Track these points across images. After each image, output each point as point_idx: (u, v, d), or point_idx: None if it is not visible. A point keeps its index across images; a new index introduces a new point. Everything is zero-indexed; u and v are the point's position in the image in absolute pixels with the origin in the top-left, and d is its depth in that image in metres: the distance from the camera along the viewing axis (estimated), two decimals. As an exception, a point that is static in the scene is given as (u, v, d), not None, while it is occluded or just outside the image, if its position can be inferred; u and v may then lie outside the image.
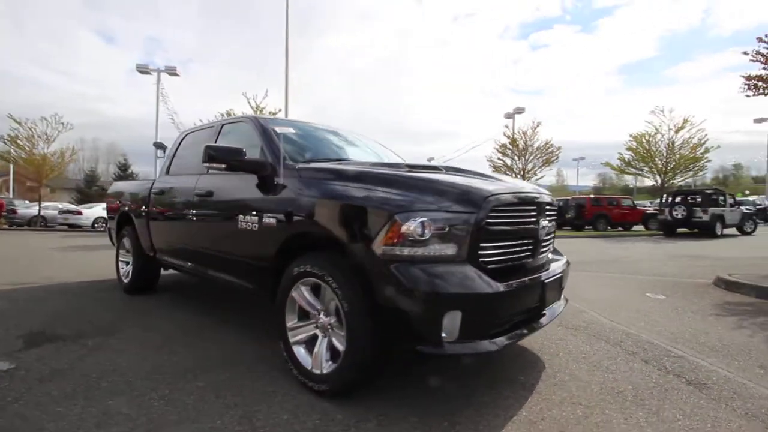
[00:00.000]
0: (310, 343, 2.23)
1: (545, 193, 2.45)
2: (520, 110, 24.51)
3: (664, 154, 16.79)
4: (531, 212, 2.20)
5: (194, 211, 3.19)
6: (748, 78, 6.13)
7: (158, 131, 20.07)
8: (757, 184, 50.65)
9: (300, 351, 2.24)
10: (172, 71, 19.34)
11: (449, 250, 1.84)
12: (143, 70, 19.38)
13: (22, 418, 1.88)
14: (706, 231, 13.62)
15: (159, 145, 20.12)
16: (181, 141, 3.92)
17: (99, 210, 19.57)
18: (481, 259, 1.91)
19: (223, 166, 2.58)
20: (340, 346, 2.01)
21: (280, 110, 14.29)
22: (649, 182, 25.37)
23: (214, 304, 4.00)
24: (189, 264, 3.40)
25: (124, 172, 40.67)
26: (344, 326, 1.96)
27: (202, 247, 3.15)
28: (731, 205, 14.29)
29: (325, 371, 2.07)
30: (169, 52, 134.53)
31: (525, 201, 2.16)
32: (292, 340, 2.27)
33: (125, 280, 4.46)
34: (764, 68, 5.90)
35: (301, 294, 2.23)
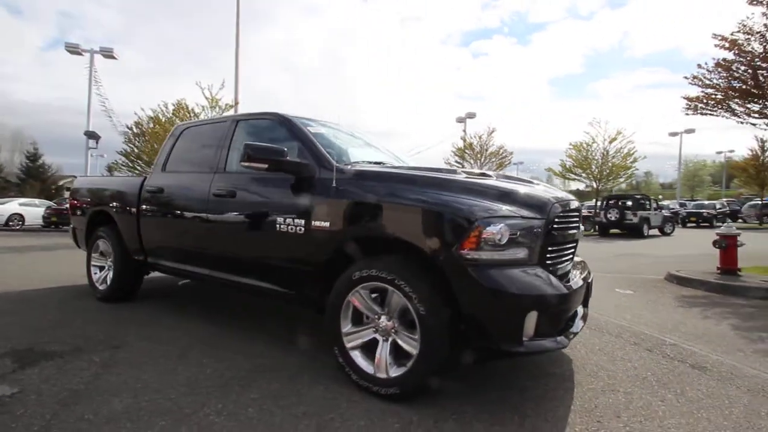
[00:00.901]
0: (366, 347, 2.22)
1: (576, 200, 2.67)
2: (471, 115, 25.60)
3: (599, 162, 18.62)
4: (575, 218, 2.40)
5: (211, 213, 2.97)
6: (689, 99, 7.05)
7: (89, 119, 18.01)
8: (665, 190, 57.87)
9: (358, 356, 2.22)
10: (108, 53, 17.44)
11: (523, 254, 1.95)
12: (73, 49, 17.23)
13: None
14: (635, 232, 15.34)
15: (91, 135, 18.14)
16: (179, 136, 3.62)
17: (15, 206, 17.23)
18: (547, 263, 2.05)
19: (265, 166, 2.47)
20: (412, 349, 2.03)
21: (238, 103, 13.58)
22: (574, 186, 27.90)
23: (215, 311, 3.76)
24: (199, 269, 3.16)
25: (33, 162, 35.93)
26: (418, 329, 1.99)
27: (223, 251, 2.95)
28: (655, 209, 16.24)
29: (392, 374, 2.08)
30: (86, 30, 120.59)
31: (573, 208, 2.35)
32: (348, 345, 2.24)
33: (100, 287, 4.03)
34: (702, 91, 6.83)
35: (361, 298, 2.21)
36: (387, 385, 2.08)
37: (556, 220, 2.09)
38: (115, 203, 3.90)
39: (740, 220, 24.89)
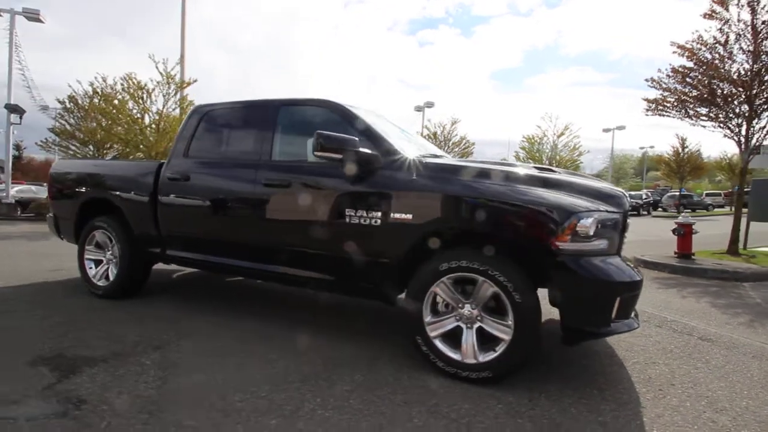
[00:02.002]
0: (449, 335, 2.30)
1: None
2: (430, 104, 25.98)
3: (549, 155, 19.98)
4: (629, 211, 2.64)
5: (260, 204, 2.82)
6: (649, 101, 7.81)
7: (10, 91, 15.60)
8: (593, 182, 63.14)
9: (441, 344, 2.29)
10: (32, 15, 15.09)
11: (605, 244, 2.13)
12: (-14, 8, 14.68)
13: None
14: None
15: (13, 108, 15.73)
16: (201, 119, 3.34)
17: None
18: (621, 252, 2.26)
19: (339, 156, 2.41)
20: (502, 335, 2.14)
21: (196, 80, 12.58)
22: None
23: (239, 303, 3.59)
24: (238, 262, 2.99)
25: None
26: (512, 316, 2.10)
27: (278, 243, 2.81)
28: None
29: (482, 359, 2.18)
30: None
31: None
32: (432, 334, 2.30)
33: (100, 283, 3.66)
34: (660, 94, 7.60)
35: (446, 288, 2.27)
36: (478, 369, 2.18)
37: (627, 213, 2.31)
38: (120, 191, 3.52)
39: (660, 209, 28.17)
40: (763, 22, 6.28)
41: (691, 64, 7.12)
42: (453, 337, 2.29)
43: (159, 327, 2.94)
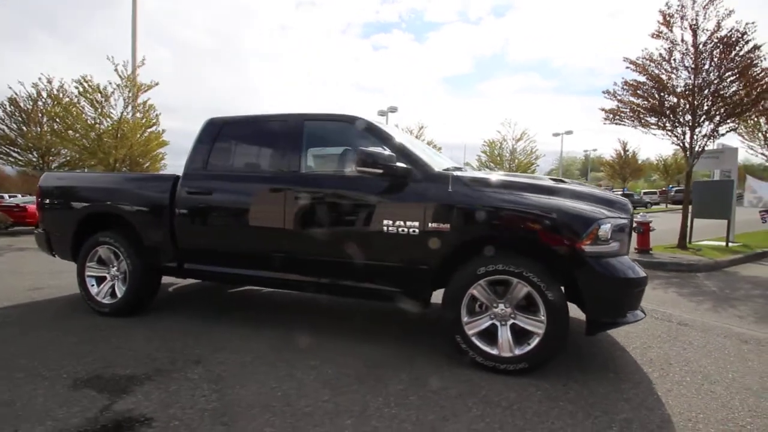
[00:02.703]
0: (485, 333, 2.53)
1: None
2: (393, 109, 26.45)
3: (508, 158, 21.09)
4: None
5: (293, 217, 2.89)
6: (606, 110, 8.60)
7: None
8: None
9: (478, 341, 2.51)
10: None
11: (618, 246, 2.46)
12: None
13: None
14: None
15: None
16: (218, 133, 3.33)
17: None
18: (628, 252, 2.60)
19: (380, 171, 2.57)
20: (536, 329, 2.40)
21: (157, 83, 12.00)
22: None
23: (260, 315, 3.61)
24: (267, 273, 3.03)
25: None
26: (545, 312, 2.36)
27: (315, 254, 2.88)
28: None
29: (518, 352, 2.43)
30: None
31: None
32: (470, 332, 2.52)
33: (105, 300, 3.52)
34: (616, 105, 8.40)
35: (482, 290, 2.50)
36: (515, 361, 2.42)
37: (632, 217, 2.66)
38: (131, 204, 3.42)
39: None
40: (703, 43, 7.17)
41: (642, 78, 7.96)
42: (487, 334, 2.53)
43: (186, 342, 2.92)
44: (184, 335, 3.06)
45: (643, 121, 8.11)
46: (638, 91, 8.10)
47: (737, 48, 6.81)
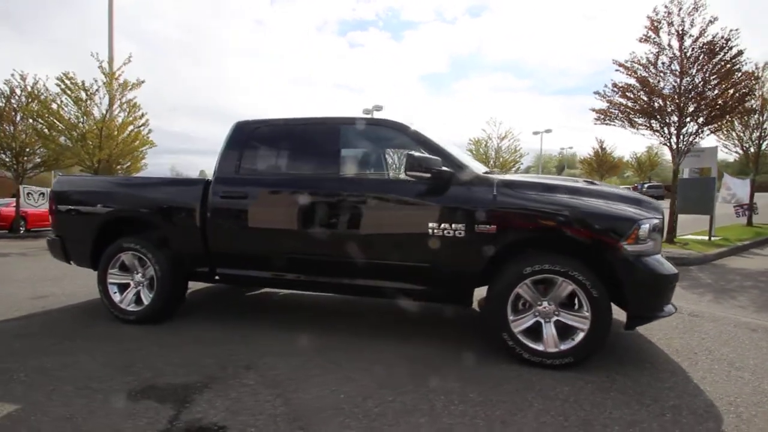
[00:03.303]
0: (529, 330, 2.64)
1: None
2: (378, 107, 26.56)
3: (494, 157, 21.51)
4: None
5: (335, 220, 2.91)
6: (597, 111, 8.93)
7: None
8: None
9: (524, 338, 2.61)
10: None
11: (653, 245, 2.61)
12: None
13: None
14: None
15: None
16: (249, 136, 3.30)
17: None
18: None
19: (428, 175, 2.64)
20: (580, 325, 2.52)
21: (143, 81, 11.61)
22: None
23: (292, 318, 3.62)
24: (306, 277, 3.05)
25: None
26: (589, 309, 2.48)
27: (358, 256, 2.90)
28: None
29: (563, 348, 2.54)
30: None
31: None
32: (516, 330, 2.62)
33: (130, 308, 3.44)
34: (606, 106, 8.73)
35: (527, 289, 2.60)
36: (561, 356, 2.54)
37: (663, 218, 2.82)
38: (159, 209, 3.35)
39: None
40: (689, 48, 7.55)
41: (632, 81, 8.31)
42: (531, 331, 2.63)
43: (228, 348, 2.90)
44: (223, 341, 3.04)
45: (632, 121, 8.49)
46: (627, 93, 8.46)
47: (721, 53, 7.21)
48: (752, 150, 11.11)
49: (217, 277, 3.32)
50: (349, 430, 1.92)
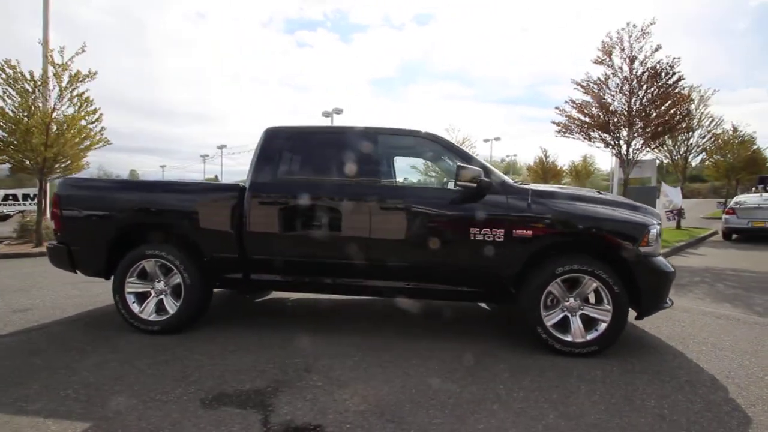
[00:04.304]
0: (559, 323, 2.98)
1: None
2: (338, 110, 26.57)
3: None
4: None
5: (380, 225, 3.05)
6: (557, 124, 9.80)
7: None
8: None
9: (555, 331, 2.95)
10: None
11: (656, 247, 3.07)
12: None
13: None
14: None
15: None
16: (284, 143, 3.33)
17: None
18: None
19: (474, 185, 2.89)
20: (603, 317, 2.90)
21: (96, 72, 10.68)
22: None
23: (329, 321, 3.67)
24: (347, 280, 3.16)
25: None
26: (611, 303, 2.87)
27: (399, 260, 3.06)
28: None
29: (588, 338, 2.91)
30: None
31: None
32: (548, 324, 2.95)
33: (152, 317, 3.31)
34: (566, 120, 9.62)
35: (557, 287, 2.95)
36: (587, 345, 2.90)
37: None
38: (189, 215, 3.27)
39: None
40: (638, 73, 8.59)
41: (587, 98, 9.26)
42: (559, 325, 2.98)
43: (277, 353, 2.93)
44: (266, 346, 3.05)
45: (589, 135, 9.44)
46: (585, 110, 9.41)
47: (664, 77, 8.30)
48: (680, 162, 12.77)
49: (251, 284, 3.31)
50: (438, 419, 2.10)
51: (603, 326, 2.92)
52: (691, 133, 11.37)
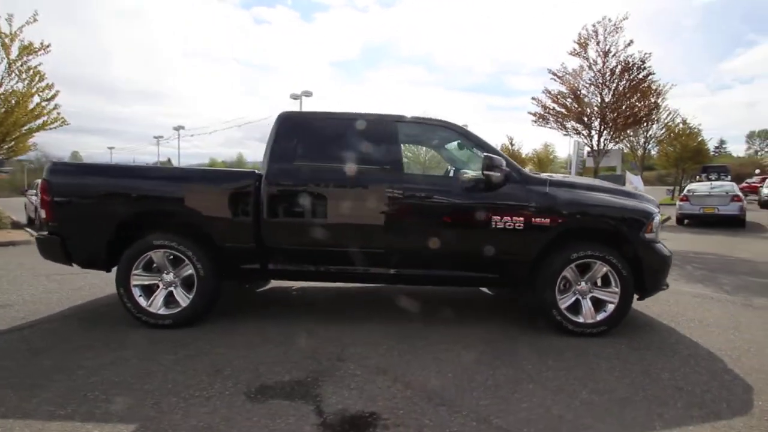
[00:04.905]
0: (571, 306, 3.17)
1: None
2: (308, 93, 25.79)
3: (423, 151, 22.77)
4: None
5: (400, 213, 3.07)
6: (534, 114, 10.14)
7: None
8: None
9: (569, 313, 3.14)
10: None
11: (656, 234, 3.32)
12: None
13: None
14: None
15: None
16: (300, 129, 3.23)
17: None
18: (657, 237, 3.50)
19: (500, 175, 2.96)
20: (611, 299, 3.12)
21: (49, 45, 9.68)
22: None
23: (341, 312, 3.67)
24: (364, 268, 3.17)
25: None
26: (620, 286, 3.09)
27: (419, 248, 3.09)
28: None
29: (598, 318, 3.13)
30: None
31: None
32: (562, 306, 3.13)
33: (161, 311, 3.16)
34: (543, 110, 9.97)
35: (571, 272, 3.12)
36: (597, 326, 3.12)
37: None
38: (202, 203, 3.12)
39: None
40: (611, 66, 9.03)
41: (563, 89, 9.63)
42: (571, 307, 3.17)
43: (307, 344, 2.92)
44: (292, 337, 3.02)
45: (564, 125, 9.86)
46: (560, 100, 9.79)
47: (635, 71, 8.79)
48: (639, 151, 13.70)
49: (268, 273, 3.24)
50: (484, 401, 2.20)
51: (611, 307, 3.14)
52: (650, 124, 12.18)
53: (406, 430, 1.92)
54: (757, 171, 21.89)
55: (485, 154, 2.97)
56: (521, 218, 3.08)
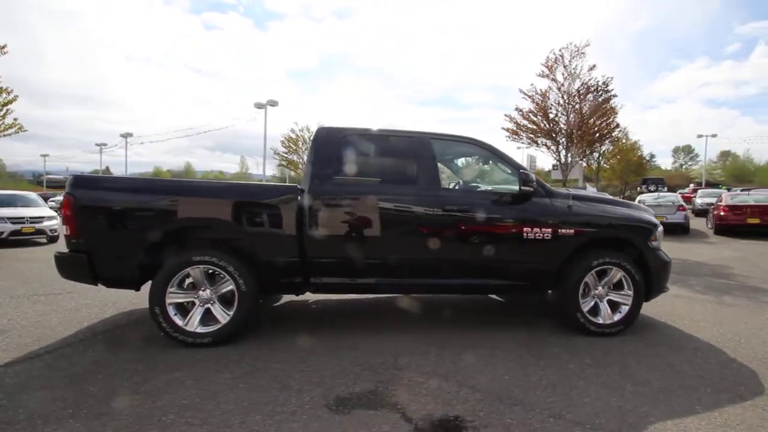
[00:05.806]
0: (592, 308, 3.49)
1: None
2: (273, 102, 25.35)
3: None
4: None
5: (440, 226, 3.24)
6: (508, 130, 10.79)
7: None
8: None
9: (590, 315, 3.45)
10: None
11: (659, 242, 3.75)
12: None
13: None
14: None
15: None
16: (341, 144, 3.31)
17: None
18: (658, 245, 3.94)
19: (531, 189, 3.23)
20: (625, 301, 3.47)
21: (5, 46, 8.85)
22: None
23: (374, 324, 3.73)
24: (410, 280, 3.29)
25: None
26: (633, 289, 3.45)
27: (458, 259, 3.27)
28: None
29: (615, 319, 3.46)
30: None
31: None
32: (585, 309, 3.43)
33: (199, 329, 3.07)
34: (514, 126, 10.65)
35: (591, 278, 3.45)
36: (615, 326, 3.45)
37: (657, 221, 4.02)
38: (245, 217, 3.08)
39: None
40: (574, 91, 9.88)
41: (533, 107, 10.38)
42: (590, 310, 3.49)
43: (357, 355, 2.96)
44: (338, 350, 3.05)
45: (535, 141, 10.59)
46: (531, 116, 10.52)
47: (598, 93, 9.69)
48: (594, 165, 14.96)
49: (310, 287, 3.26)
50: (551, 398, 2.39)
51: (625, 309, 3.49)
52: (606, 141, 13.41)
53: (495, 430, 2.06)
54: (691, 185, 25.08)
55: (521, 170, 3.24)
56: (549, 229, 3.37)
